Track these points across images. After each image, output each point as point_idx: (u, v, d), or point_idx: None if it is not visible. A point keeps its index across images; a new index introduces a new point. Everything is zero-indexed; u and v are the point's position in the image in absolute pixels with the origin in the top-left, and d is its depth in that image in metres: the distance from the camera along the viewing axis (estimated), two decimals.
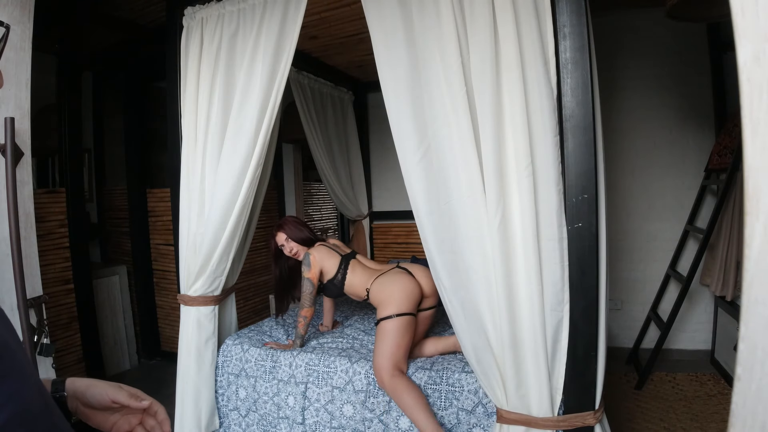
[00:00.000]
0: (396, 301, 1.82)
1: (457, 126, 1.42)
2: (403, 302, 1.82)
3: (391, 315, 1.79)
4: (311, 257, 2.00)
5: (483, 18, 1.38)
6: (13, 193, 1.43)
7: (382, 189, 3.85)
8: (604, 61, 1.80)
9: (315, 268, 2.00)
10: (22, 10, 1.51)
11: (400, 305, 1.81)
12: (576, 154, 1.35)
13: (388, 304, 1.82)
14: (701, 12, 1.98)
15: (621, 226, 3.19)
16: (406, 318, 1.79)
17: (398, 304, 1.81)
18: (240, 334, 2.15)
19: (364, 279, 2.01)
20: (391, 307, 1.81)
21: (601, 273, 1.40)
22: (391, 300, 1.83)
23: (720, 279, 2.69)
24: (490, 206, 1.39)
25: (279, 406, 1.89)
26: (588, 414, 1.39)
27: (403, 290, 1.86)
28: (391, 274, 1.96)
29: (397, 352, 1.72)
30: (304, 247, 2.12)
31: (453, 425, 1.60)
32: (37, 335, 1.48)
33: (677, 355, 3.07)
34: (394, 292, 1.85)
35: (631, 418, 2.30)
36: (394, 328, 1.76)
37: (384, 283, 1.93)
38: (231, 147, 1.82)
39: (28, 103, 1.55)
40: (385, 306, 1.83)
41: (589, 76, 1.33)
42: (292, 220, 2.19)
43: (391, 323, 1.77)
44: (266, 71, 1.75)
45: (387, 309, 1.81)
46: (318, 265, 2.00)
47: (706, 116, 2.98)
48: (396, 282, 1.90)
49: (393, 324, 1.77)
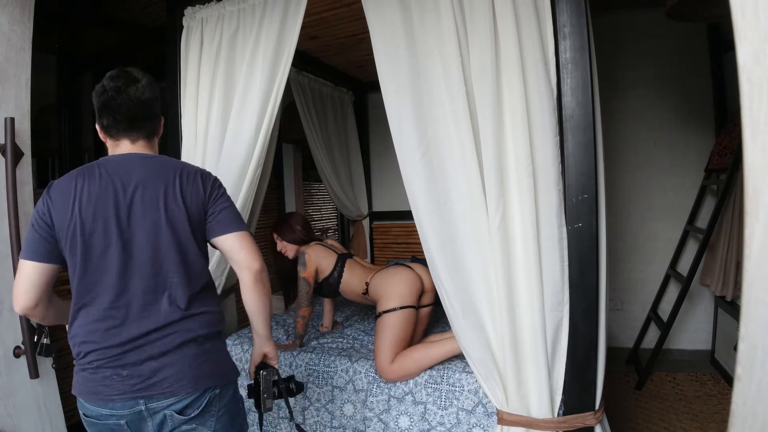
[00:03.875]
0: (398, 292, 1.82)
1: (457, 126, 1.42)
2: (405, 294, 1.82)
3: (394, 308, 1.78)
4: (306, 256, 2.00)
5: (483, 18, 1.38)
6: (13, 193, 1.43)
7: (382, 189, 3.84)
8: (604, 61, 1.80)
9: (311, 267, 2.00)
10: (22, 10, 1.51)
11: (403, 297, 1.81)
12: (576, 154, 1.35)
13: (390, 296, 1.82)
14: (701, 12, 1.98)
15: (621, 226, 3.19)
16: (407, 311, 1.79)
17: (400, 296, 1.81)
18: (240, 334, 2.15)
19: (362, 274, 2.00)
20: (393, 299, 1.80)
21: (601, 273, 1.40)
22: (393, 292, 1.82)
23: (720, 279, 2.69)
24: (490, 206, 1.39)
25: (279, 405, 1.89)
26: (588, 414, 1.39)
27: (404, 282, 1.85)
28: (391, 269, 1.97)
29: (398, 346, 1.73)
30: (294, 246, 2.13)
31: (453, 425, 1.60)
32: (37, 335, 1.48)
33: (677, 355, 3.06)
34: (395, 284, 1.85)
35: (631, 418, 2.30)
36: (396, 322, 1.76)
37: (384, 276, 1.93)
38: (231, 147, 1.82)
39: (28, 103, 1.55)
40: (386, 299, 1.82)
41: (589, 76, 1.33)
42: (288, 219, 2.19)
43: (392, 316, 1.77)
44: (266, 71, 1.75)
45: (388, 302, 1.81)
46: (314, 264, 2.00)
47: (706, 116, 2.98)
48: (397, 274, 1.90)
49: (395, 317, 1.77)
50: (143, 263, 1.04)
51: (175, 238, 1.06)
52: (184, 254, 1.07)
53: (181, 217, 1.06)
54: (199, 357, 1.06)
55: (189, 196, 1.08)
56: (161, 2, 2.44)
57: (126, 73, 1.09)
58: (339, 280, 2.02)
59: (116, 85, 1.07)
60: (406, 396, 1.68)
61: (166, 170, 1.09)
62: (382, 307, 1.82)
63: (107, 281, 1.03)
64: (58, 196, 1.05)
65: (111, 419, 1.02)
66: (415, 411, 1.66)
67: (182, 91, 1.97)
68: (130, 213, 1.04)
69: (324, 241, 2.18)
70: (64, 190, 1.05)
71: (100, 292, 1.03)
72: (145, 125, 1.12)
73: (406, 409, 1.68)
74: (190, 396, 1.04)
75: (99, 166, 1.08)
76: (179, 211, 1.06)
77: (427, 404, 1.65)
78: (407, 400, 1.68)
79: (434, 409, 1.64)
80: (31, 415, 1.48)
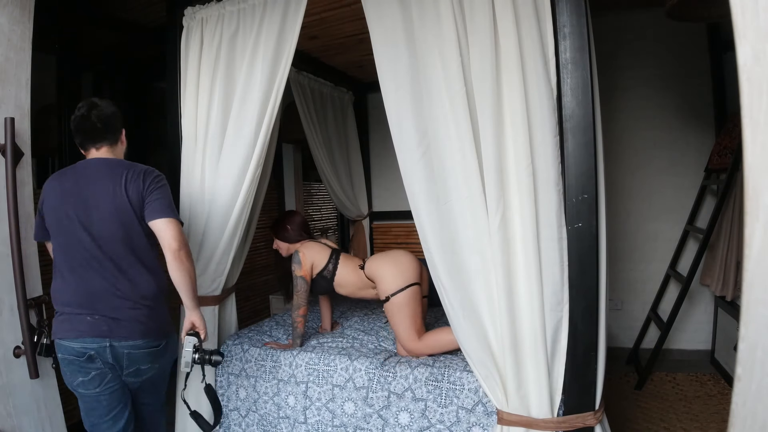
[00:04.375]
0: (400, 271, 1.88)
1: (457, 126, 1.42)
2: (408, 272, 1.88)
3: (400, 288, 1.84)
4: (300, 254, 2.00)
5: (483, 18, 1.38)
6: (13, 193, 1.43)
7: (382, 189, 3.84)
8: (604, 61, 1.80)
9: (306, 264, 2.00)
10: (22, 10, 1.51)
11: (406, 275, 1.87)
12: (576, 154, 1.35)
13: (393, 276, 1.88)
14: (701, 12, 1.98)
15: (621, 226, 3.19)
16: (411, 289, 1.85)
17: (403, 275, 1.87)
18: (240, 334, 2.15)
19: (356, 262, 2.07)
20: (396, 279, 1.86)
21: (601, 273, 1.40)
22: (395, 272, 1.88)
23: (720, 279, 2.69)
24: (489, 206, 1.40)
25: (279, 406, 1.89)
26: (588, 414, 1.39)
27: (402, 262, 1.92)
28: (388, 251, 2.06)
29: (416, 321, 1.82)
30: (285, 244, 2.16)
31: (452, 423, 1.60)
32: (37, 335, 1.48)
33: (677, 355, 3.06)
34: (396, 264, 1.91)
35: (631, 418, 2.30)
36: (405, 302, 1.82)
37: (383, 256, 2.00)
38: (231, 147, 1.82)
39: (28, 103, 1.55)
40: (388, 280, 1.88)
41: (589, 76, 1.33)
42: (283, 217, 2.22)
43: (399, 298, 1.83)
44: (266, 71, 1.75)
45: (391, 284, 1.87)
46: (308, 260, 2.01)
47: (706, 116, 2.98)
48: (394, 255, 1.98)
49: (402, 297, 1.83)
50: (99, 239, 1.39)
51: (120, 219, 1.40)
52: (128, 232, 1.41)
53: (124, 203, 1.40)
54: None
55: (131, 189, 1.41)
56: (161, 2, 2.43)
57: (90, 102, 1.45)
58: (333, 273, 2.03)
59: (82, 113, 1.43)
60: (405, 392, 1.68)
61: (119, 170, 1.43)
62: (386, 290, 1.87)
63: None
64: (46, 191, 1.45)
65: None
66: (415, 408, 1.66)
67: (182, 91, 1.97)
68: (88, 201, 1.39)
69: (318, 240, 2.19)
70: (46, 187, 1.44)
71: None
72: (107, 137, 1.47)
73: (407, 405, 1.68)
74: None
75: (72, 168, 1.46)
76: (122, 199, 1.40)
77: (428, 401, 1.65)
78: (407, 397, 1.68)
79: (434, 406, 1.64)
80: (31, 415, 1.48)
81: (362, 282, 2.02)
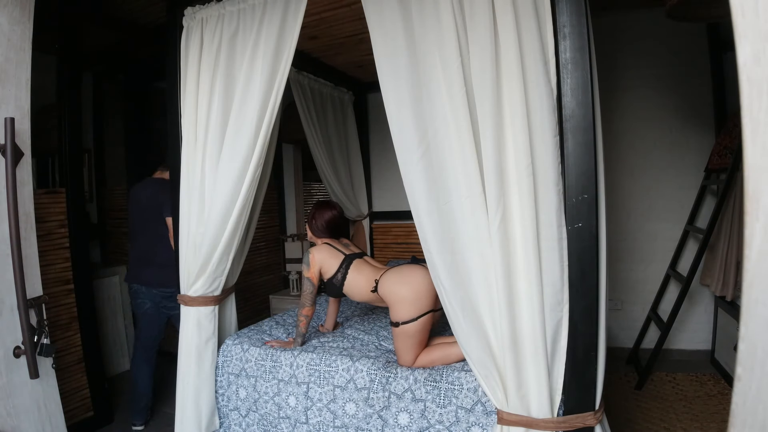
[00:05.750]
0: (416, 300, 1.77)
1: (457, 126, 1.42)
2: (423, 300, 1.77)
3: (412, 318, 1.75)
4: (311, 256, 1.99)
5: (483, 18, 1.38)
6: (13, 193, 1.43)
7: (382, 189, 3.84)
8: (604, 62, 1.80)
9: (314, 267, 1.99)
10: (22, 10, 1.51)
11: (422, 303, 1.76)
12: (576, 154, 1.35)
13: (407, 306, 1.77)
14: (701, 12, 1.98)
15: (621, 226, 3.19)
16: (424, 318, 1.77)
17: (419, 303, 1.76)
18: (240, 334, 2.15)
19: (371, 273, 1.95)
20: (410, 309, 1.76)
21: (601, 273, 1.40)
22: (409, 302, 1.77)
23: (720, 279, 2.69)
24: (490, 206, 1.39)
25: (279, 406, 1.89)
26: (588, 414, 1.39)
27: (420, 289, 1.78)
28: (405, 268, 1.89)
29: (419, 349, 1.78)
30: (310, 233, 2.16)
31: (452, 423, 1.60)
32: (37, 335, 1.48)
33: (677, 355, 3.07)
34: (411, 291, 1.78)
35: (631, 418, 2.30)
36: (414, 332, 1.75)
37: (398, 276, 1.86)
38: (231, 147, 1.82)
39: (28, 103, 1.55)
40: (401, 309, 1.78)
41: (589, 76, 1.33)
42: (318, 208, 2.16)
43: (410, 327, 1.75)
44: (266, 71, 1.75)
45: (403, 313, 1.77)
46: (317, 264, 2.00)
47: (706, 116, 2.98)
48: (411, 277, 1.82)
49: (412, 327, 1.75)
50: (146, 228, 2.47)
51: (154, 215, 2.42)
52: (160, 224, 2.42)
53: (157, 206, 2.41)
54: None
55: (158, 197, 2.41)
56: (161, 2, 2.44)
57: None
58: (342, 282, 1.98)
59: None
60: (405, 393, 1.68)
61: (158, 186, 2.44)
62: (398, 317, 1.77)
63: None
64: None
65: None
66: (414, 408, 1.66)
67: (182, 91, 1.97)
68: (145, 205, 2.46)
69: (340, 240, 2.15)
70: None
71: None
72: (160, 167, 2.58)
73: (406, 406, 1.68)
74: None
75: (142, 182, 2.58)
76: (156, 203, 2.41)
77: (427, 402, 1.65)
78: (407, 398, 1.68)
79: (433, 407, 1.64)
80: (31, 415, 1.48)
81: (372, 297, 1.95)
